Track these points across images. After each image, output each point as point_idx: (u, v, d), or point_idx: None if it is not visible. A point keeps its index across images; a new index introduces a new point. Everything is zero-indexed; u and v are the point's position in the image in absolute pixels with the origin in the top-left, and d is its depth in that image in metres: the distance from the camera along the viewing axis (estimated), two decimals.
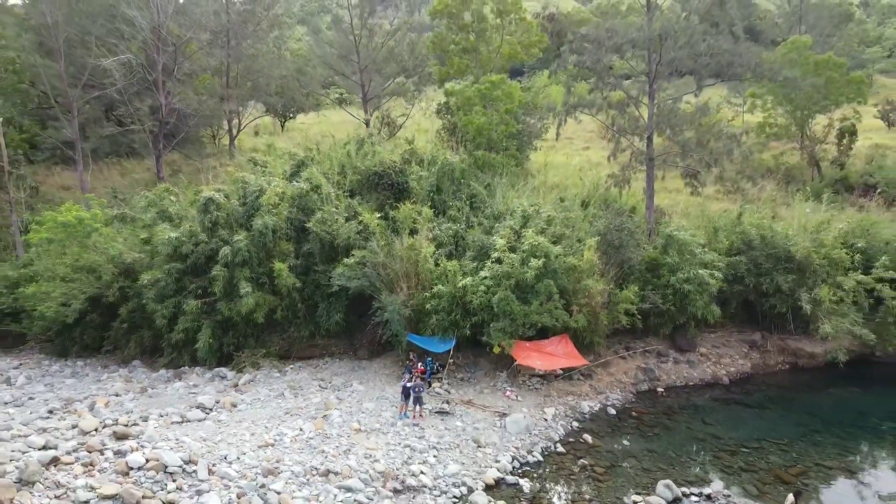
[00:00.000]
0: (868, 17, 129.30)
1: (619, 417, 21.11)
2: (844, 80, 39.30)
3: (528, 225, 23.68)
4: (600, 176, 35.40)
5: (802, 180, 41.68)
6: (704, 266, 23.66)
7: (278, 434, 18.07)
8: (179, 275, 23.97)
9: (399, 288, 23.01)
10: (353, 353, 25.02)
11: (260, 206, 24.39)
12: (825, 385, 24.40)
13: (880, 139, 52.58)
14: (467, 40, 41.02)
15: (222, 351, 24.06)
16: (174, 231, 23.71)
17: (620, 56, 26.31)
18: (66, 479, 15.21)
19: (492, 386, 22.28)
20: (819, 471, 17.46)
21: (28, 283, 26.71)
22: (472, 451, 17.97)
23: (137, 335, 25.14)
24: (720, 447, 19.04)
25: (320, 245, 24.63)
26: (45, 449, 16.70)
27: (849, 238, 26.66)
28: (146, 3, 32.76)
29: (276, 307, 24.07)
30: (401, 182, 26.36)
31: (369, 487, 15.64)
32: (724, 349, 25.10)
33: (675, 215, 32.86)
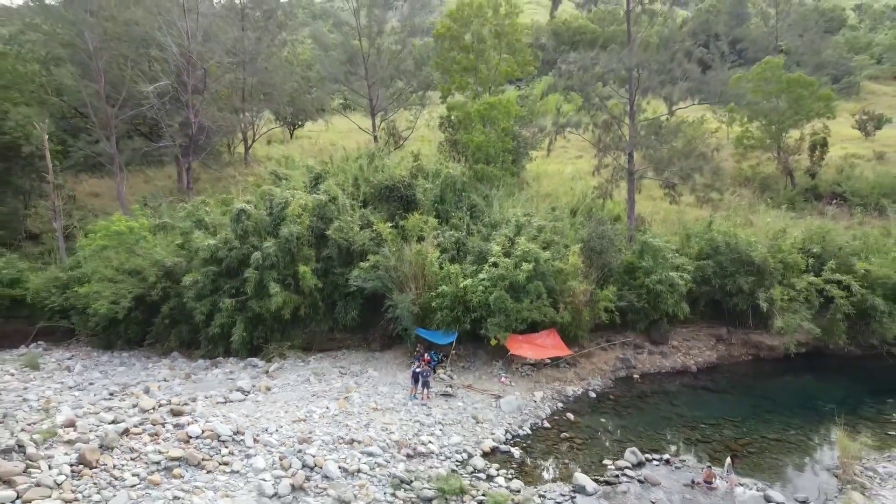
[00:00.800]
0: (860, 22, 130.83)
1: (599, 400, 24.28)
2: (814, 97, 42.45)
3: (521, 233, 26.87)
4: (589, 185, 38.59)
5: (777, 189, 44.89)
6: (675, 269, 26.84)
7: (308, 411, 21.24)
8: (215, 276, 27.15)
9: (408, 288, 26.17)
10: (368, 346, 28.17)
11: (285, 216, 27.55)
12: (782, 374, 27.53)
13: (855, 148, 55.63)
14: (468, 59, 44.13)
15: (253, 343, 27.23)
16: (212, 238, 26.90)
17: (603, 83, 29.49)
18: (138, 446, 18.40)
19: (489, 373, 25.47)
20: (763, 442, 20.62)
21: (77, 284, 29.94)
22: (471, 426, 21.13)
23: (177, 329, 28.32)
24: (683, 424, 22.20)
25: (338, 250, 27.80)
26: (115, 423, 19.91)
27: (807, 244, 29.82)
28: (178, 31, 35.86)
29: (300, 305, 27.21)
30: (409, 194, 29.52)
31: (386, 453, 18.81)
32: (694, 342, 28.30)
33: (656, 222, 36.04)
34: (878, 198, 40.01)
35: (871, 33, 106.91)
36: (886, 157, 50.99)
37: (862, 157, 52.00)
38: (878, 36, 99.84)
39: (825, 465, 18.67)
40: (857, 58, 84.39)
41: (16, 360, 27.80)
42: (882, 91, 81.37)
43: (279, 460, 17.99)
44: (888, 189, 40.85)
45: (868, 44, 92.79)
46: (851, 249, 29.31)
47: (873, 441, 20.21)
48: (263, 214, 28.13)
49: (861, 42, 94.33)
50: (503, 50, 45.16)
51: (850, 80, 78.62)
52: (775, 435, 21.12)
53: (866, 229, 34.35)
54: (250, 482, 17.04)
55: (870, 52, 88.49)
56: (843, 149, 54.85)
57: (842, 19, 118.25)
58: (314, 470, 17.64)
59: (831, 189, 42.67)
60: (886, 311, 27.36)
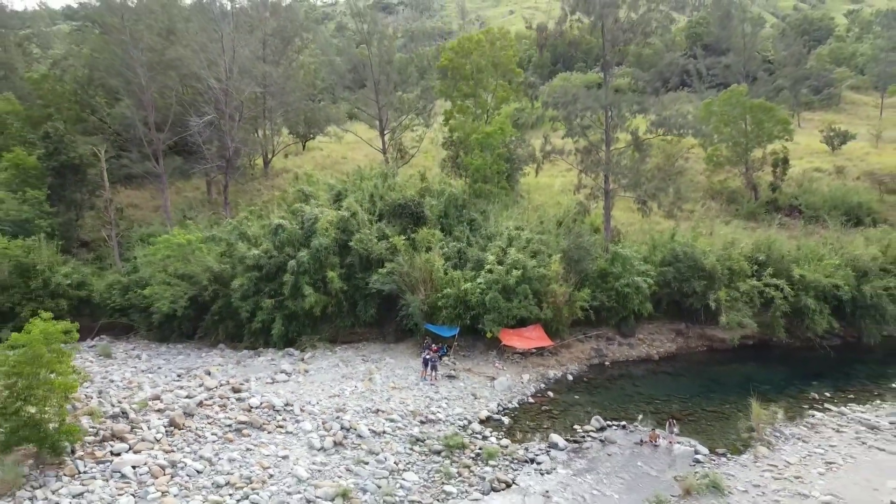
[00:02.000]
0: (848, 31, 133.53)
1: (574, 381, 29.31)
2: (774, 121, 47.39)
3: (512, 244, 31.91)
4: (575, 199, 43.58)
5: (742, 202, 49.75)
6: (640, 274, 31.83)
7: (340, 389, 26.29)
8: (257, 281, 32.14)
9: (418, 290, 31.18)
10: (384, 338, 33.17)
11: (316, 229, 32.56)
12: (730, 361, 32.50)
13: (821, 162, 60.25)
14: (468, 86, 49.09)
15: (288, 336, 32.17)
16: (255, 249, 31.96)
17: (581, 119, 34.52)
18: (211, 413, 23.48)
19: (485, 359, 30.49)
20: (701, 413, 25.64)
21: (136, 286, 34.95)
22: (471, 401, 26.16)
23: (224, 325, 33.27)
24: (641, 399, 27.19)
25: (359, 258, 32.79)
26: (188, 397, 24.98)
27: (754, 252, 34.81)
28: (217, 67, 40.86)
29: (328, 304, 32.19)
30: (418, 211, 34.53)
31: (404, 419, 23.86)
32: (657, 335, 33.31)
33: (631, 232, 40.99)
34: (828, 210, 44.96)
35: (856, 42, 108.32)
36: (846, 171, 55.82)
37: (824, 171, 56.77)
38: (863, 46, 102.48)
39: (745, 429, 23.66)
40: (838, 70, 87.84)
41: (88, 351, 32.84)
42: (862, 101, 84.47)
43: (322, 424, 23.06)
44: (838, 202, 45.74)
45: (851, 54, 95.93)
46: (791, 257, 34.35)
47: (789, 412, 25.24)
48: (296, 228, 33.14)
49: (845, 53, 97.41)
50: (499, 77, 50.17)
51: (830, 91, 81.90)
52: (713, 408, 26.15)
53: (810, 239, 39.45)
54: (301, 439, 22.09)
55: (854, 61, 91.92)
56: (809, 163, 59.59)
57: (830, 28, 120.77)
58: (350, 431, 22.68)
59: (789, 202, 47.59)
60: (817, 309, 32.39)
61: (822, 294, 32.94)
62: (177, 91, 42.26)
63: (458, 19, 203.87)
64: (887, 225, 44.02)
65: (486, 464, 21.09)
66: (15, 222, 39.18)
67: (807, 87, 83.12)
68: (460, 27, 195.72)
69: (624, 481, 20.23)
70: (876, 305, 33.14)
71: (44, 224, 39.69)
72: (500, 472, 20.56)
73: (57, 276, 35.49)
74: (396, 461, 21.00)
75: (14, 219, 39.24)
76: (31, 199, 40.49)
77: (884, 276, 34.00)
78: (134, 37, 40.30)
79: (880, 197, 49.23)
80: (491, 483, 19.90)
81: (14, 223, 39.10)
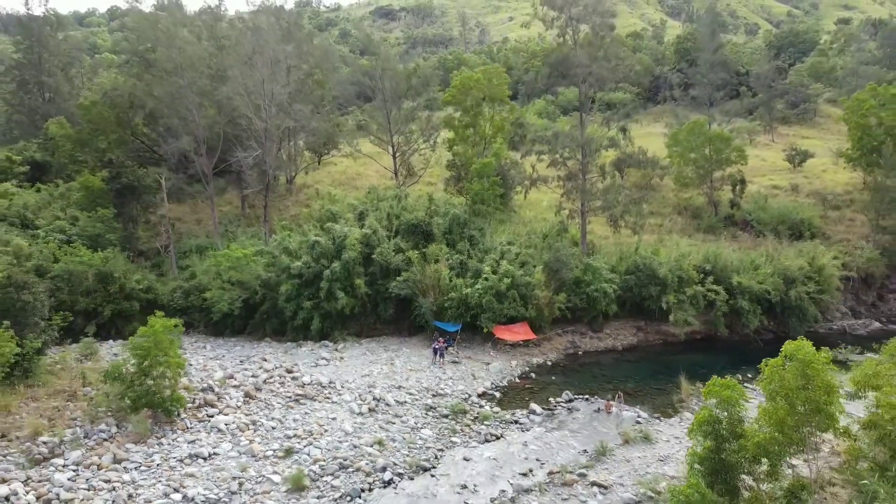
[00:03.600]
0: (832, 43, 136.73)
1: (553, 367, 36.37)
2: (731, 149, 54.33)
3: (504, 257, 39.00)
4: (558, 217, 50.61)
5: (705, 216, 56.58)
6: (607, 282, 38.90)
7: (369, 371, 33.37)
8: (299, 286, 39.19)
9: (428, 294, 38.23)
10: (400, 333, 40.22)
11: (345, 245, 39.61)
12: (681, 352, 39.47)
13: (780, 180, 67.08)
14: (469, 117, 56.13)
15: (324, 331, 39.17)
16: (298, 261, 39.05)
17: (561, 155, 41.61)
18: (274, 388, 30.59)
19: (482, 349, 37.52)
20: (648, 389, 32.66)
21: (195, 291, 41.97)
22: (470, 380, 33.22)
23: (270, 322, 40.28)
24: (604, 380, 34.19)
25: (380, 268, 39.83)
26: (254, 377, 32.09)
27: (703, 262, 41.84)
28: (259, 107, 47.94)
29: (355, 305, 39.22)
30: (428, 230, 41.60)
31: (420, 393, 30.90)
32: (621, 330, 40.36)
33: (605, 244, 47.96)
34: (776, 225, 51.85)
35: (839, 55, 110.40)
36: (800, 188, 62.89)
37: (781, 189, 63.68)
38: (842, 59, 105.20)
39: (677, 400, 30.70)
40: (815, 85, 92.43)
41: None
42: (837, 115, 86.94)
43: (358, 396, 30.15)
44: (785, 218, 52.61)
45: (831, 69, 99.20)
46: (733, 267, 41.38)
47: None
48: (329, 244, 40.19)
49: (825, 67, 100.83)
50: (495, 109, 57.28)
51: (806, 106, 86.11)
52: (658, 386, 33.19)
53: (755, 251, 46.42)
54: (344, 407, 29.16)
55: (834, 74, 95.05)
56: (770, 180, 66.35)
57: (814, 41, 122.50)
58: (379, 401, 29.75)
59: (744, 217, 54.57)
60: (751, 310, 39.42)
61: (755, 297, 39.98)
62: (223, 125, 49.35)
63: (459, 26, 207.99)
64: (825, 238, 51.09)
65: (482, 423, 28.16)
66: (90, 237, 46.25)
67: (784, 102, 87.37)
68: (461, 34, 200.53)
69: (582, 436, 27.27)
70: (800, 307, 40.21)
71: (113, 238, 46.84)
72: (492, 429, 27.66)
73: (130, 282, 42.49)
74: (416, 422, 28.07)
75: (89, 234, 46.33)
76: (102, 217, 47.65)
77: (807, 282, 41.06)
78: (189, 80, 47.46)
79: (824, 212, 56.16)
80: (485, 436, 26.99)
81: (89, 237, 46.18)
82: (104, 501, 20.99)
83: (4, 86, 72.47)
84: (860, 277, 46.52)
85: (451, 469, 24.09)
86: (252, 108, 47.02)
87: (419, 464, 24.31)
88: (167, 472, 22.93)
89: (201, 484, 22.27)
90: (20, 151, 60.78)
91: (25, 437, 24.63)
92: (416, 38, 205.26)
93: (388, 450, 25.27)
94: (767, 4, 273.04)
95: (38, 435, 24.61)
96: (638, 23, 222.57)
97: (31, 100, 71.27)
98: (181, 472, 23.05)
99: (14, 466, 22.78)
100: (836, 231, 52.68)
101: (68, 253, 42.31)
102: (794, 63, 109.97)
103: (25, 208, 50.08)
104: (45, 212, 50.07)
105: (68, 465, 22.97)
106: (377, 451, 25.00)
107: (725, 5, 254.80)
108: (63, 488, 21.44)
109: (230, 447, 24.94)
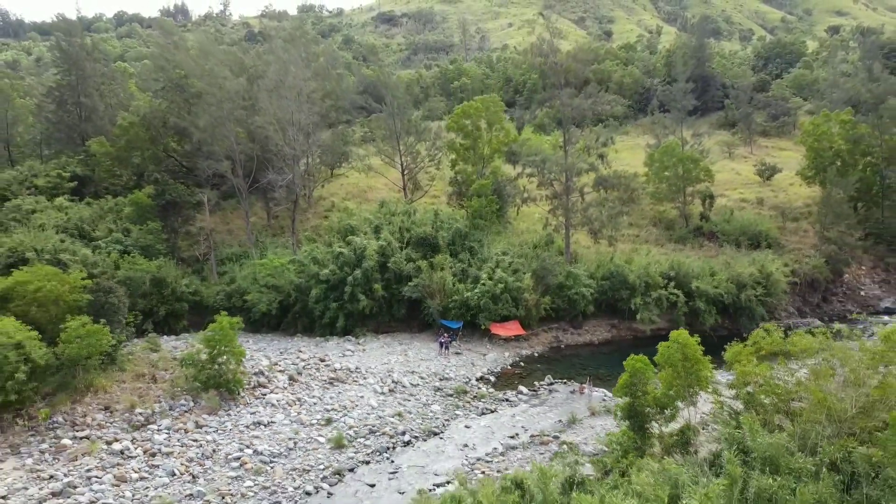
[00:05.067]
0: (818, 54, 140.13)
1: (539, 357, 42.97)
2: (699, 169, 60.89)
3: (498, 266, 45.67)
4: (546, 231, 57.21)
5: (677, 228, 63.08)
6: (585, 286, 45.53)
7: (387, 360, 39.99)
8: (326, 290, 45.84)
9: (435, 296, 44.86)
10: (411, 330, 46.79)
11: (364, 255, 46.25)
12: (647, 345, 45.40)
13: (749, 193, 73.21)
14: (470, 139, 62.77)
15: (347, 328, 45.84)
16: (325, 269, 45.69)
17: (548, 178, 48.29)
18: (311, 373, 37.28)
19: (480, 343, 44.09)
20: (616, 374, 39.20)
21: (236, 294, 48.62)
22: (470, 367, 39.84)
23: (301, 320, 46.91)
24: (582, 367, 40.78)
25: (394, 275, 46.42)
26: (294, 364, 38.78)
27: (668, 269, 48.41)
28: (287, 136, 54.65)
29: (373, 306, 45.85)
30: (434, 242, 48.28)
31: (429, 377, 37.54)
32: (597, 327, 46.94)
33: (587, 253, 54.50)
34: (738, 236, 58.37)
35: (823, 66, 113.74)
36: (765, 201, 69.26)
37: (748, 202, 70.04)
38: (826, 71, 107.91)
39: None
40: (794, 99, 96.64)
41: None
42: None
43: (380, 379, 36.80)
44: (746, 229, 59.08)
45: (813, 81, 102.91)
46: (693, 273, 47.96)
47: None
48: (351, 254, 46.83)
49: (807, 79, 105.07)
50: (492, 132, 63.93)
51: (785, 119, 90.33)
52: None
53: (716, 260, 52.99)
54: (369, 388, 35.78)
55: (816, 86, 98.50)
56: (740, 194, 72.59)
57: (801, 52, 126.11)
58: (397, 383, 36.38)
59: (711, 229, 61.11)
60: (706, 310, 45.93)
61: (711, 299, 46.57)
62: (256, 150, 56.09)
63: (459, 32, 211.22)
64: (780, 248, 57.57)
65: (479, 401, 34.80)
66: (142, 247, 52.90)
67: (765, 114, 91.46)
68: (461, 41, 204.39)
69: (559, 410, 33.84)
70: (749, 307, 46.75)
71: (161, 248, 53.48)
72: (487, 405, 34.29)
73: (180, 286, 49.17)
74: (426, 399, 34.72)
75: (142, 244, 52.97)
76: (152, 229, 54.34)
77: (756, 287, 47.64)
78: (227, 112, 54.17)
79: (783, 224, 62.71)
80: (482, 410, 33.61)
81: (141, 247, 52.82)
82: (195, 453, 27.70)
83: (46, 105, 78.35)
84: (807, 282, 53.02)
85: (455, 434, 30.73)
86: (281, 135, 53.72)
87: (431, 430, 30.98)
88: (238, 435, 29.61)
89: (265, 443, 28.94)
90: (62, 166, 67.24)
91: (124, 409, 31.28)
92: (418, 45, 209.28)
93: (406, 420, 31.95)
94: (762, 10, 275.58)
95: (134, 408, 31.26)
96: (635, 28, 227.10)
97: (69, 118, 77.06)
98: (249, 434, 29.74)
99: (120, 430, 29.50)
100: (791, 241, 59.12)
101: (127, 261, 48.89)
102: (780, 73, 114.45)
103: (82, 221, 56.69)
104: (101, 224, 56.63)
105: (162, 430, 29.65)
106: (397, 421, 31.67)
107: (721, 11, 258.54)
108: (162, 445, 28.16)
109: (283, 417, 31.61)
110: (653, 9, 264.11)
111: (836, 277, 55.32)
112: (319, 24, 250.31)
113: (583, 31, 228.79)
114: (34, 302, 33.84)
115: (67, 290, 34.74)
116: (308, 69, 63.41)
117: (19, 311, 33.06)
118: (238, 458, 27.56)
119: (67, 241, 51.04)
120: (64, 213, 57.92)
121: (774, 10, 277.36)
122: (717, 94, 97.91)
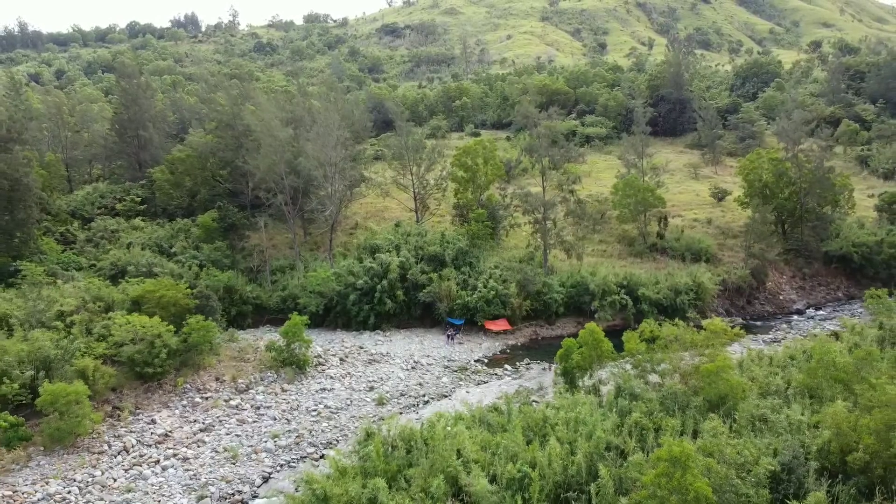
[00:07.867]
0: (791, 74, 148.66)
1: (521, 346, 55.32)
2: (654, 197, 73.23)
3: (491, 277, 58.23)
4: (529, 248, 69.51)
5: (637, 244, 75.19)
6: (557, 293, 58.02)
7: (408, 347, 52.43)
8: (360, 296, 58.32)
9: (443, 300, 57.36)
10: (424, 326, 59.06)
11: (389, 269, 58.71)
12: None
13: (702, 214, 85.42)
14: (469, 170, 75.20)
15: (376, 325, 58.26)
16: (359, 279, 58.23)
17: (532, 210, 60.83)
18: (355, 356, 49.95)
19: (477, 336, 56.42)
20: None
21: (290, 297, 61.08)
22: (470, 353, 52.18)
23: (340, 318, 59.38)
24: (553, 353, 53.22)
25: (412, 284, 58.93)
26: (341, 350, 51.36)
27: (622, 279, 60.80)
28: (326, 173, 67.16)
29: (396, 308, 58.28)
30: (442, 258, 60.81)
31: (440, 360, 49.99)
32: (567, 324, 59.19)
33: (563, 266, 66.92)
34: (683, 252, 70.67)
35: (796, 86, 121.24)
36: (713, 221, 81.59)
37: (700, 221, 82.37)
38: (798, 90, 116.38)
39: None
40: (758, 122, 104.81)
41: (273, 331, 59.07)
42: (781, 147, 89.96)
43: (405, 360, 49.39)
44: (690, 246, 71.29)
45: (782, 102, 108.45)
46: (641, 282, 60.36)
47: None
48: (379, 268, 59.33)
49: (776, 101, 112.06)
50: (487, 167, 76.43)
51: (750, 142, 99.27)
52: None
53: (662, 272, 65.39)
54: (396, 367, 48.20)
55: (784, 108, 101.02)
56: (695, 214, 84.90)
57: (776, 73, 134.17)
58: (417, 363, 48.85)
59: (664, 246, 73.44)
60: (649, 311, 58.28)
61: (653, 302, 59.02)
62: (300, 183, 68.66)
63: (460, 45, 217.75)
64: (718, 261, 69.90)
65: (476, 375, 47.30)
66: (213, 261, 65.40)
67: (734, 136, 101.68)
68: (462, 54, 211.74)
69: (533, 382, 46.23)
70: (683, 309, 59.18)
71: (227, 262, 66.05)
72: (482, 378, 46.68)
73: (245, 292, 61.72)
74: (438, 374, 47.16)
75: (212, 259, 65.47)
76: (219, 247, 66.92)
77: (689, 293, 60.08)
78: (279, 156, 66.77)
79: (724, 241, 75.16)
80: (478, 382, 46.08)
81: (212, 262, 65.32)
82: (286, 407, 40.25)
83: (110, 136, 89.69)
84: (733, 288, 65.42)
85: (459, 396, 43.28)
86: (321, 171, 66.37)
87: (442, 394, 43.46)
88: (312, 396, 42.12)
89: (331, 400, 41.44)
90: (127, 191, 79.34)
91: (229, 380, 43.77)
92: (421, 57, 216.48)
93: (425, 387, 44.46)
94: (751, 21, 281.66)
95: (236, 379, 43.74)
96: (629, 40, 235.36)
97: (128, 148, 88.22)
98: (319, 396, 42.22)
99: (231, 393, 42.07)
100: (726, 256, 71.41)
101: (206, 274, 61.30)
102: (756, 93, 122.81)
103: (160, 239, 69.23)
104: (176, 243, 69.02)
105: (259, 393, 42.20)
106: (419, 388, 44.18)
107: (711, 23, 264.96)
108: (262, 402, 40.71)
109: (339, 385, 44.14)
110: (646, 20, 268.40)
111: (760, 284, 67.61)
112: (325, 36, 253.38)
113: (578, 42, 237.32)
114: (158, 305, 46.33)
115: (182, 296, 47.31)
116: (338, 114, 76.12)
117: (148, 311, 45.47)
118: (315, 410, 40.03)
119: (152, 256, 63.53)
120: (141, 232, 70.44)
121: (763, 21, 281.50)
122: (693, 116, 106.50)
